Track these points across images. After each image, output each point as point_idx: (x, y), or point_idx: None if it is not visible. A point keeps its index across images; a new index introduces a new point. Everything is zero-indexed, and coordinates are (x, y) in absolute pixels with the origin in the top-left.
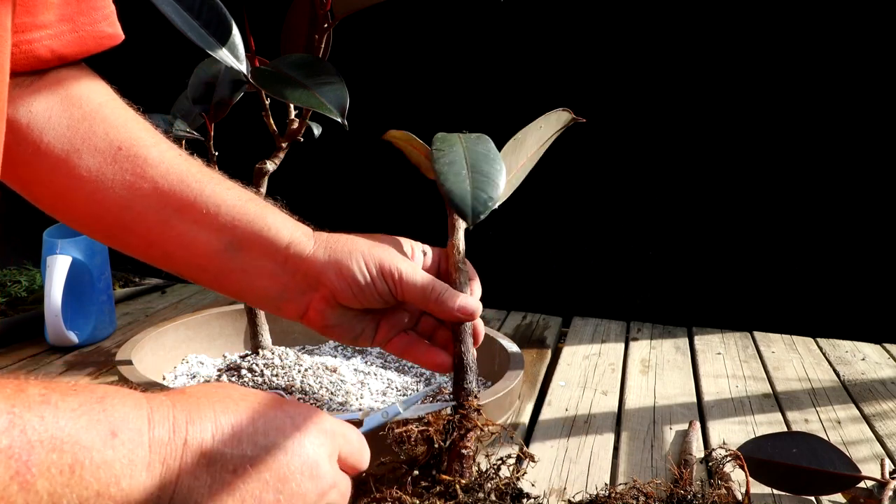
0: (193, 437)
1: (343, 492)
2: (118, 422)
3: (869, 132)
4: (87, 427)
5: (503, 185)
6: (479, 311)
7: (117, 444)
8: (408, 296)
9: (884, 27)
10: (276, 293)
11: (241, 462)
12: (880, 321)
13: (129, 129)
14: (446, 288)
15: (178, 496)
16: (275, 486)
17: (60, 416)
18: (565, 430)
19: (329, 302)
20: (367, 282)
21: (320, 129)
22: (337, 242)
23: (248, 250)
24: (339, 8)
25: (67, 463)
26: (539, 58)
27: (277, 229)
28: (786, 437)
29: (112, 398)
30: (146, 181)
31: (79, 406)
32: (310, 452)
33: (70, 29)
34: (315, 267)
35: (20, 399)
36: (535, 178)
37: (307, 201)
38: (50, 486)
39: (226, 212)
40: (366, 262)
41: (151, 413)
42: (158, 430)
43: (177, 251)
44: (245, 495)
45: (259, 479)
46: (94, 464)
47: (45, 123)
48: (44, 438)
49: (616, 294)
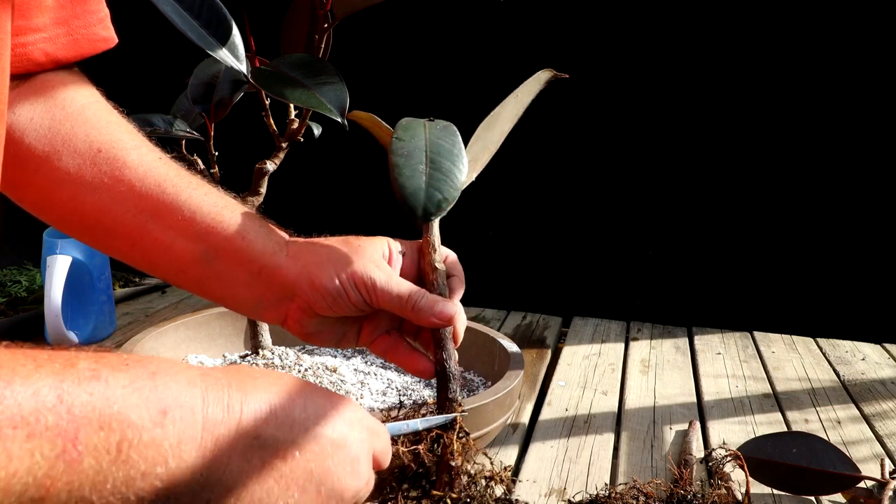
0: (247, 417)
1: (370, 489)
2: (170, 399)
3: (869, 132)
4: (137, 405)
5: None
6: (458, 315)
7: (167, 422)
8: (383, 304)
9: (884, 27)
10: (254, 302)
11: (291, 448)
12: (880, 321)
13: (110, 131)
14: (423, 294)
15: (228, 476)
16: (318, 477)
17: (110, 393)
18: (565, 430)
19: (306, 311)
20: (340, 293)
21: (320, 129)
22: (309, 253)
23: (222, 259)
24: (339, 8)
25: (115, 442)
26: (539, 58)
27: (251, 239)
28: (786, 437)
29: (164, 374)
30: (124, 184)
31: (130, 383)
32: (354, 449)
33: (65, 32)
34: (288, 278)
35: (69, 374)
36: (535, 178)
37: (307, 201)
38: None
39: (201, 219)
40: (337, 274)
41: (206, 391)
42: (212, 409)
43: (156, 256)
44: (290, 483)
45: (305, 468)
46: (142, 443)
47: (27, 125)
48: (92, 417)
49: (616, 294)
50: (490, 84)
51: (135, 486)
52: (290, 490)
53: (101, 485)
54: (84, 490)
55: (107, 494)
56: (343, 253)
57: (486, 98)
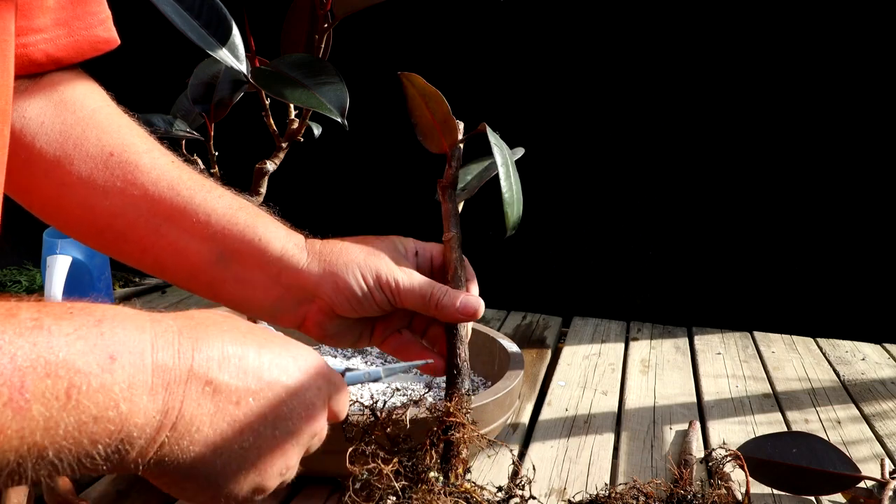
0: (199, 364)
1: (322, 437)
2: (117, 345)
3: (869, 132)
4: (83, 352)
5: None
6: (482, 308)
7: (116, 368)
8: (407, 303)
9: (884, 27)
10: (271, 305)
11: (244, 395)
12: (880, 321)
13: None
14: (445, 290)
15: (181, 422)
16: (273, 422)
17: (54, 341)
18: (565, 430)
19: (327, 313)
20: (365, 294)
21: (320, 129)
22: (331, 254)
23: (239, 262)
24: (339, 8)
25: (63, 388)
26: (539, 58)
27: (269, 240)
28: (786, 437)
29: (111, 321)
30: (136, 188)
31: (74, 331)
32: (308, 394)
33: (66, 33)
34: (310, 280)
35: (10, 325)
36: (535, 178)
37: (307, 201)
38: (46, 412)
39: (216, 221)
40: (362, 275)
41: (155, 338)
42: (162, 355)
43: (168, 260)
44: (244, 428)
45: (259, 413)
46: (91, 388)
47: (37, 128)
48: (36, 365)
49: (616, 294)
50: (490, 84)
51: (87, 430)
52: (244, 434)
53: (53, 430)
54: (36, 436)
55: (59, 440)
56: (365, 254)
57: (486, 98)
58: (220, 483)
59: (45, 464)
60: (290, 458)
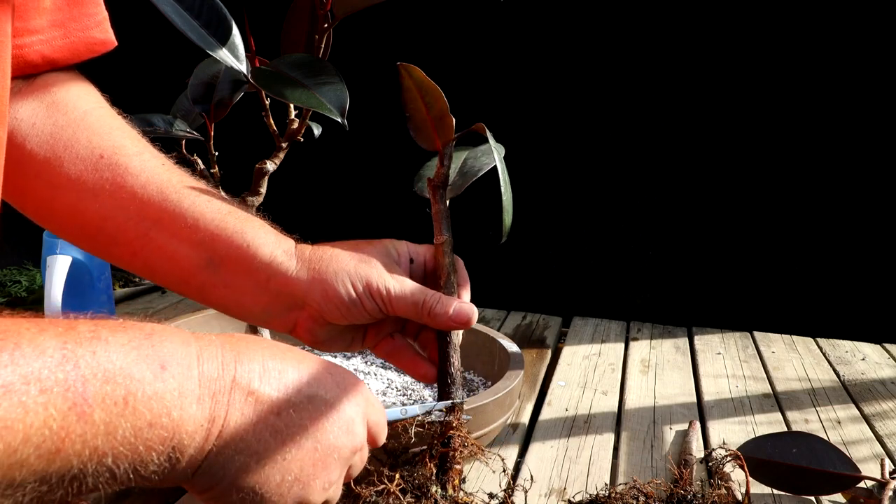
0: (241, 375)
1: (364, 458)
2: (167, 356)
3: (869, 132)
4: (137, 361)
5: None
6: (476, 316)
7: (167, 376)
8: (399, 311)
9: (883, 27)
10: (261, 310)
11: (286, 406)
12: (880, 321)
13: (112, 137)
14: (438, 298)
15: (226, 431)
16: (314, 435)
17: (111, 350)
18: (565, 430)
19: (317, 320)
20: (355, 302)
21: (320, 129)
22: (320, 261)
23: (227, 267)
24: (339, 8)
25: (121, 395)
26: (539, 57)
27: (257, 246)
28: (786, 437)
29: (160, 335)
30: (125, 191)
31: (128, 342)
32: (348, 410)
33: (62, 35)
34: (300, 288)
35: (71, 336)
36: (535, 178)
37: (307, 201)
38: (106, 417)
39: (204, 226)
40: (352, 283)
41: (200, 350)
42: (207, 367)
43: (158, 264)
44: (286, 439)
45: (301, 426)
46: (145, 395)
47: (28, 130)
48: (97, 372)
49: (616, 294)
50: (490, 83)
51: (143, 437)
52: (286, 445)
53: (112, 435)
54: (97, 440)
55: (117, 444)
56: (356, 261)
57: (486, 98)
58: (264, 495)
59: (104, 470)
60: (331, 472)
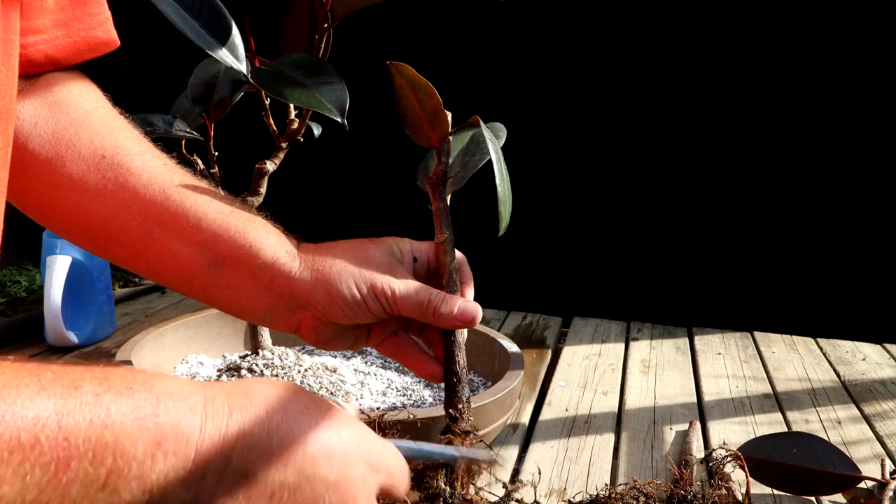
0: (239, 454)
1: None
2: (168, 428)
3: (869, 132)
4: (133, 435)
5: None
6: (480, 315)
7: (160, 455)
8: (403, 311)
9: (883, 27)
10: (264, 311)
11: (281, 488)
12: (880, 321)
13: (114, 136)
14: (442, 297)
15: None
16: None
17: (110, 421)
18: (565, 431)
19: (321, 320)
20: (359, 302)
21: (320, 129)
22: (323, 262)
23: (230, 268)
24: (339, 8)
25: (104, 473)
26: (539, 57)
27: (260, 246)
28: (786, 437)
29: (167, 400)
30: (127, 191)
31: (131, 411)
32: (351, 490)
33: (65, 34)
34: (303, 289)
35: (72, 399)
36: (534, 178)
37: (307, 201)
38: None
39: (206, 226)
40: (356, 284)
41: (205, 421)
42: (208, 444)
43: (161, 264)
44: None
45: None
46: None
47: (31, 129)
48: (87, 448)
49: (616, 294)
50: (490, 82)
51: None
52: None
53: None
54: None
55: None
56: (359, 262)
57: (486, 98)
58: None
59: None
60: None
